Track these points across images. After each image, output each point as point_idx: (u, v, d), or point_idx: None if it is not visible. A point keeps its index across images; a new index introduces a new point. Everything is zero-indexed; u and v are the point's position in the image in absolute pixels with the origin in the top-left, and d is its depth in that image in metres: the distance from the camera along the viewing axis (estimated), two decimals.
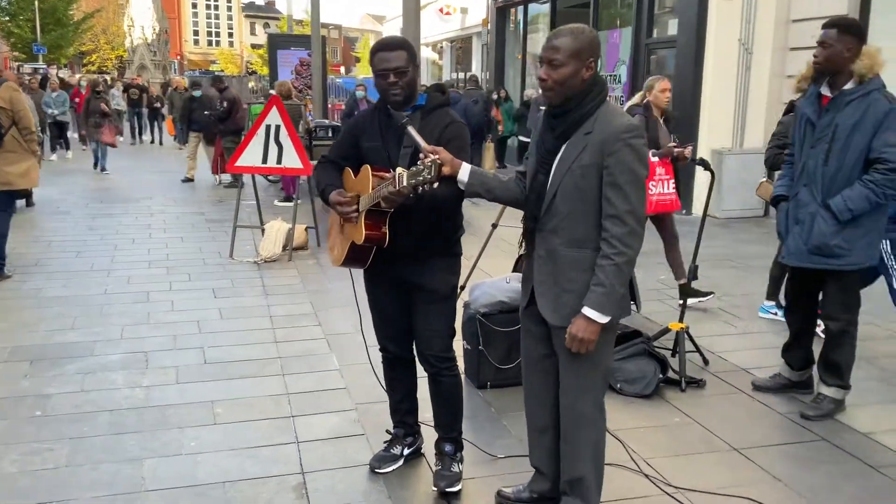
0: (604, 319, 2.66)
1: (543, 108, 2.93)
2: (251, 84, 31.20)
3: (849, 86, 3.81)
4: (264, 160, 7.70)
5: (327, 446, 3.71)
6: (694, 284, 5.49)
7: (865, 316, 5.69)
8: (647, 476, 3.43)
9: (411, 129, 2.99)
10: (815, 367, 4.31)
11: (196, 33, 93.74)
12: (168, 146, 19.83)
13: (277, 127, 7.64)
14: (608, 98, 2.77)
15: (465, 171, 2.89)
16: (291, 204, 10.58)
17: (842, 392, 4.13)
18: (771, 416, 4.11)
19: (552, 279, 2.80)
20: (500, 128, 15.29)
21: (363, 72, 49.51)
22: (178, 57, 79.09)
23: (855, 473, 3.50)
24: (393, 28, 35.95)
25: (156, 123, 21.44)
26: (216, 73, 21.89)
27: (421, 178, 2.69)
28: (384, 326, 3.41)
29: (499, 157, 15.28)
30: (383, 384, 3.65)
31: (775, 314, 5.62)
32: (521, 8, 17.08)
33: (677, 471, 3.48)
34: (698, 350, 4.82)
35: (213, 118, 12.43)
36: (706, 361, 4.80)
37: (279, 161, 7.69)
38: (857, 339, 4.09)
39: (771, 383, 4.44)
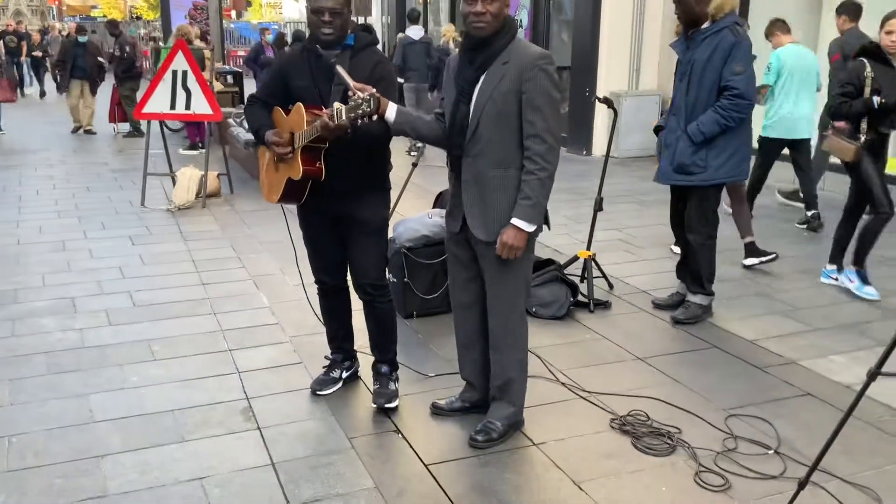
0: (531, 228, 2.98)
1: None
2: (141, 31, 29.87)
3: (705, 25, 4.33)
4: (172, 106, 7.61)
5: (268, 375, 3.91)
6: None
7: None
8: (563, 384, 3.81)
9: (340, 69, 3.16)
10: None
11: None
12: (52, 98, 18.72)
13: (185, 72, 7.56)
14: (517, 33, 3.05)
15: (391, 111, 3.10)
16: (196, 152, 10.55)
17: (707, 299, 4.67)
18: (669, 331, 4.56)
19: (480, 199, 3.07)
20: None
21: (255, 16, 48.00)
22: (57, 2, 74.36)
23: (744, 374, 3.97)
24: None
25: (39, 74, 20.23)
26: (111, 19, 20.75)
27: (360, 112, 2.89)
28: (319, 259, 3.61)
29: None
30: (319, 315, 3.86)
31: (836, 279, 5.28)
32: None
33: (590, 379, 3.87)
34: (604, 275, 5.23)
35: (110, 64, 12.06)
36: (611, 286, 5.22)
37: (188, 107, 7.62)
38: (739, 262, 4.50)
39: (669, 301, 4.90)
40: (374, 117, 2.96)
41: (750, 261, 5.67)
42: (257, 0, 55.17)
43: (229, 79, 13.49)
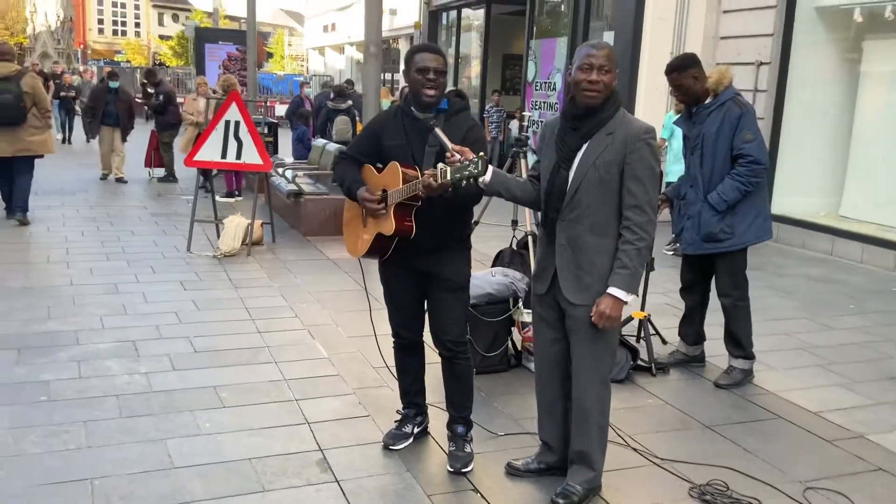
0: (628, 298, 3.02)
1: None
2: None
3: (707, 101, 4.56)
4: (223, 155, 7.76)
5: (337, 426, 3.92)
6: None
7: (799, 312, 6.31)
8: (635, 450, 3.80)
9: (438, 131, 3.27)
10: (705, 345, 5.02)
11: (101, 22, 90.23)
12: (79, 144, 17.95)
13: (237, 123, 7.72)
14: (622, 106, 3.14)
15: (489, 172, 3.19)
16: (232, 200, 10.70)
17: (749, 363, 4.75)
18: (730, 397, 4.56)
19: (574, 263, 3.13)
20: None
21: (276, 68, 48.98)
22: (82, 46, 76.09)
23: (813, 446, 3.96)
24: (315, 26, 35.80)
25: (68, 119, 18.34)
26: (150, 67, 21.15)
27: (467, 173, 2.97)
28: (399, 313, 3.66)
29: None
30: (391, 369, 3.90)
31: None
32: (454, 12, 17.45)
33: (660, 445, 3.86)
34: (658, 334, 5.27)
35: (150, 111, 12.25)
36: (664, 342, 5.26)
37: (238, 157, 7.77)
38: (796, 333, 4.60)
39: (670, 359, 5.00)
40: (480, 179, 3.03)
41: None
42: (279, 52, 56.39)
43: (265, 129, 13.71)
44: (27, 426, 3.74)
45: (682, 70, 4.53)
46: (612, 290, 3.03)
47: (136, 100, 13.13)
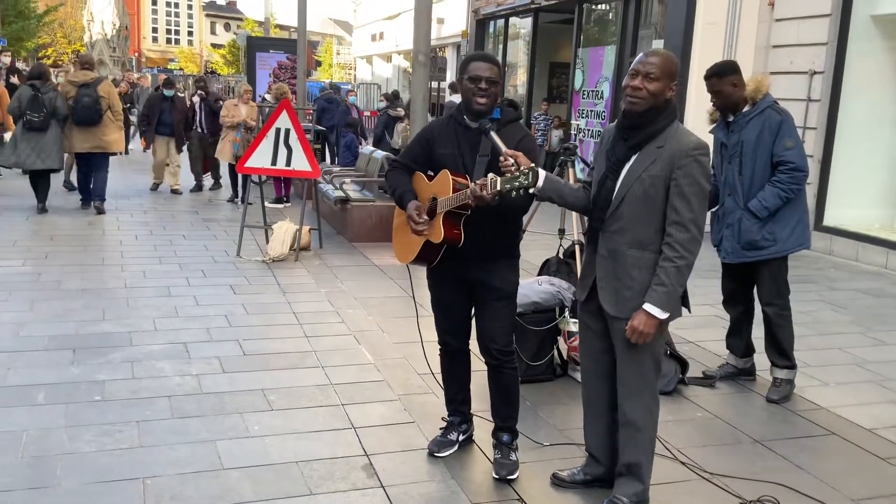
0: (663, 316, 2.99)
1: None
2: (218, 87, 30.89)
3: (746, 108, 4.51)
4: (273, 162, 7.88)
5: (383, 432, 3.95)
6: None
7: (853, 326, 6.17)
8: (683, 464, 3.76)
9: (494, 135, 3.28)
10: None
11: (155, 31, 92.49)
12: (135, 154, 17.31)
13: (287, 130, 7.84)
14: (676, 119, 3.10)
15: (541, 178, 3.17)
16: (281, 206, 10.85)
17: (793, 372, 4.71)
18: (781, 412, 4.48)
19: (613, 275, 3.10)
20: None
21: (324, 76, 49.54)
22: (137, 54, 77.96)
23: (867, 464, 3.87)
24: (363, 35, 36.14)
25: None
26: (202, 75, 21.54)
27: (517, 184, 2.97)
28: (446, 321, 3.67)
29: None
30: (437, 376, 3.92)
31: None
32: (501, 21, 17.47)
33: (709, 459, 3.81)
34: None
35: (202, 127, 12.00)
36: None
37: (288, 163, 7.88)
38: (849, 347, 4.51)
39: (720, 372, 4.93)
40: (532, 190, 3.03)
41: None
42: (327, 60, 57.05)
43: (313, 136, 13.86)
44: (82, 425, 3.84)
45: (722, 76, 4.49)
46: (647, 307, 2.99)
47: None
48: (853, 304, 6.94)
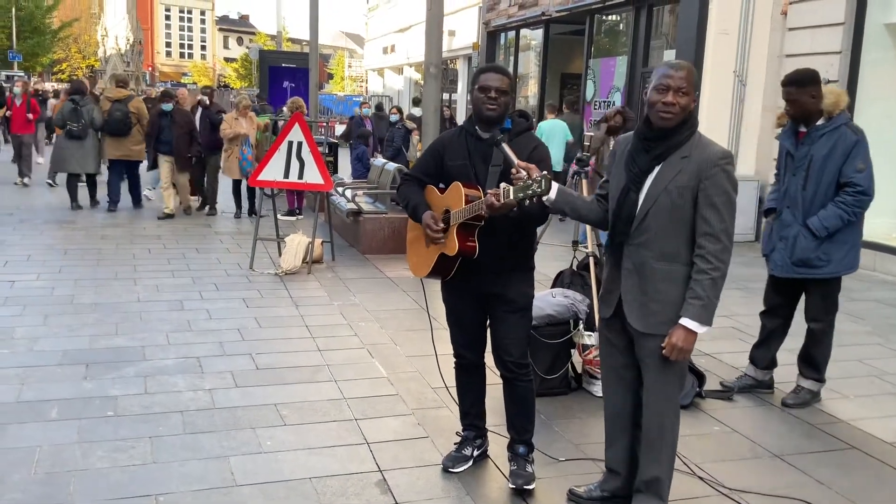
0: (702, 330, 2.93)
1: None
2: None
3: (820, 122, 4.39)
4: (286, 175, 7.88)
5: (396, 447, 3.91)
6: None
7: (872, 337, 6.09)
8: (702, 479, 3.70)
9: (505, 146, 3.26)
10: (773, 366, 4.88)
11: (168, 45, 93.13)
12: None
13: (300, 143, 7.84)
14: (697, 129, 3.06)
15: (553, 190, 3.14)
16: (293, 218, 10.85)
17: (818, 385, 4.67)
18: (801, 426, 4.41)
19: (639, 290, 3.05)
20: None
21: (336, 88, 49.77)
22: (150, 68, 78.54)
23: (890, 478, 3.80)
24: (375, 48, 36.27)
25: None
26: (213, 87, 21.69)
27: (530, 192, 2.94)
28: (462, 334, 3.64)
29: None
30: (451, 390, 3.88)
31: None
32: (512, 32, 17.49)
33: (728, 474, 3.75)
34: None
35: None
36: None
37: (300, 176, 7.88)
38: (868, 359, 4.45)
39: (738, 383, 4.85)
40: (544, 198, 3.00)
41: None
42: (339, 73, 57.32)
43: (326, 149, 13.88)
44: (95, 441, 3.82)
45: (801, 86, 4.35)
46: (684, 322, 2.94)
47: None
48: (871, 315, 6.85)
